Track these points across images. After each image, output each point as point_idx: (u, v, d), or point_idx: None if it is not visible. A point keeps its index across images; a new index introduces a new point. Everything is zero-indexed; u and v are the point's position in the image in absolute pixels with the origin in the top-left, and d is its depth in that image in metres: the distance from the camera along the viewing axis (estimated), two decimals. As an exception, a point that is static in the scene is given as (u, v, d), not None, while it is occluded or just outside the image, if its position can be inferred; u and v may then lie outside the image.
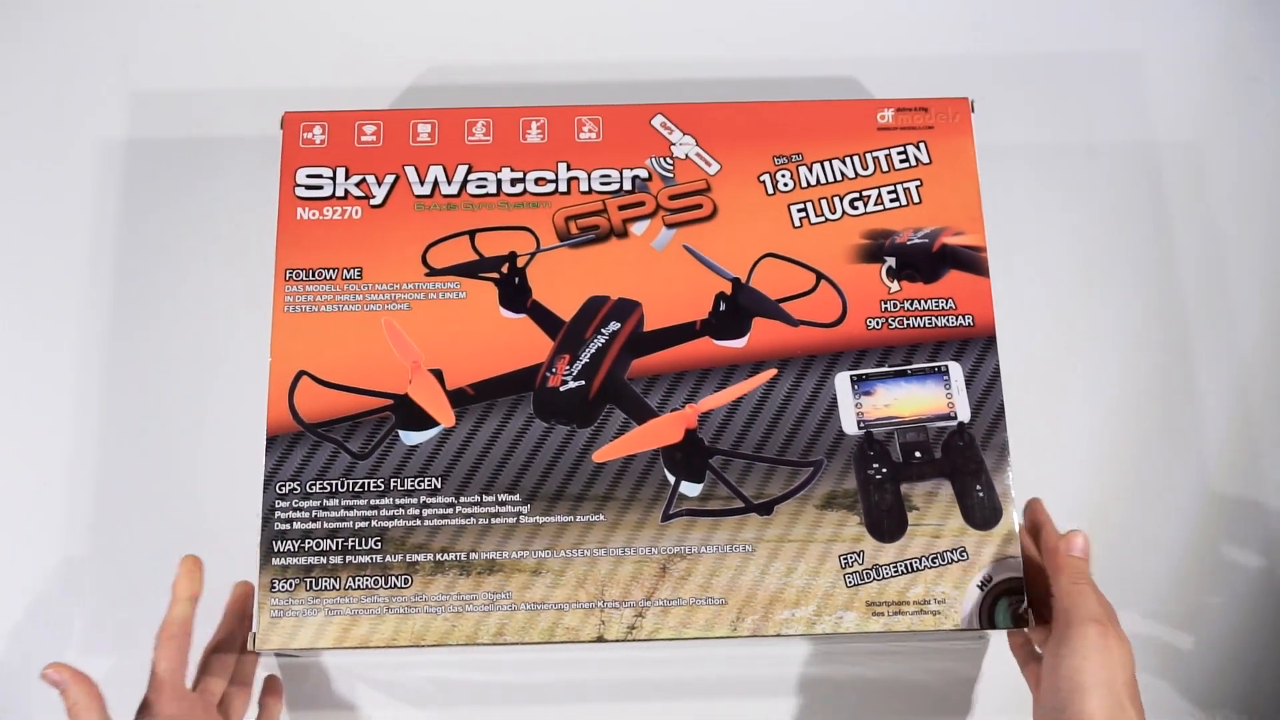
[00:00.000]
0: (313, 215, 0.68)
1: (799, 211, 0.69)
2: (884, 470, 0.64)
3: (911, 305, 0.67)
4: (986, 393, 0.66)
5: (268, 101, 0.74)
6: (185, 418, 0.74)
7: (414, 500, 0.64)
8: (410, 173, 0.69)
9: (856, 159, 0.69)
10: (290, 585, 0.63)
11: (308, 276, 0.67)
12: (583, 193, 0.69)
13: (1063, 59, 0.82)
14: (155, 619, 0.71)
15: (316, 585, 0.63)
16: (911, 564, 0.63)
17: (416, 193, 0.69)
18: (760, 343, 0.66)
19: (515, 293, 0.67)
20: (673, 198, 0.69)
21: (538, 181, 0.69)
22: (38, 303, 0.76)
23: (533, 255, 0.68)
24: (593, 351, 0.66)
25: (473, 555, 0.63)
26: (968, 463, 0.64)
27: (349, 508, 0.64)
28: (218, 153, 0.79)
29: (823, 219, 0.68)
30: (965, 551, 0.63)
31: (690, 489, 0.64)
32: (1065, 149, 0.80)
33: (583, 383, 0.66)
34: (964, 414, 0.65)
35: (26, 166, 0.79)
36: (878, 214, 0.68)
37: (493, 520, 0.64)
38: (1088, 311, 0.77)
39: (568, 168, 0.69)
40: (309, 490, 0.64)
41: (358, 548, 0.63)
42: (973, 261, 0.67)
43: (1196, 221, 0.79)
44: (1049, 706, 0.57)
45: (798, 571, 0.63)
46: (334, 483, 0.64)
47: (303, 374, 0.65)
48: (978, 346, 0.66)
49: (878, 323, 0.67)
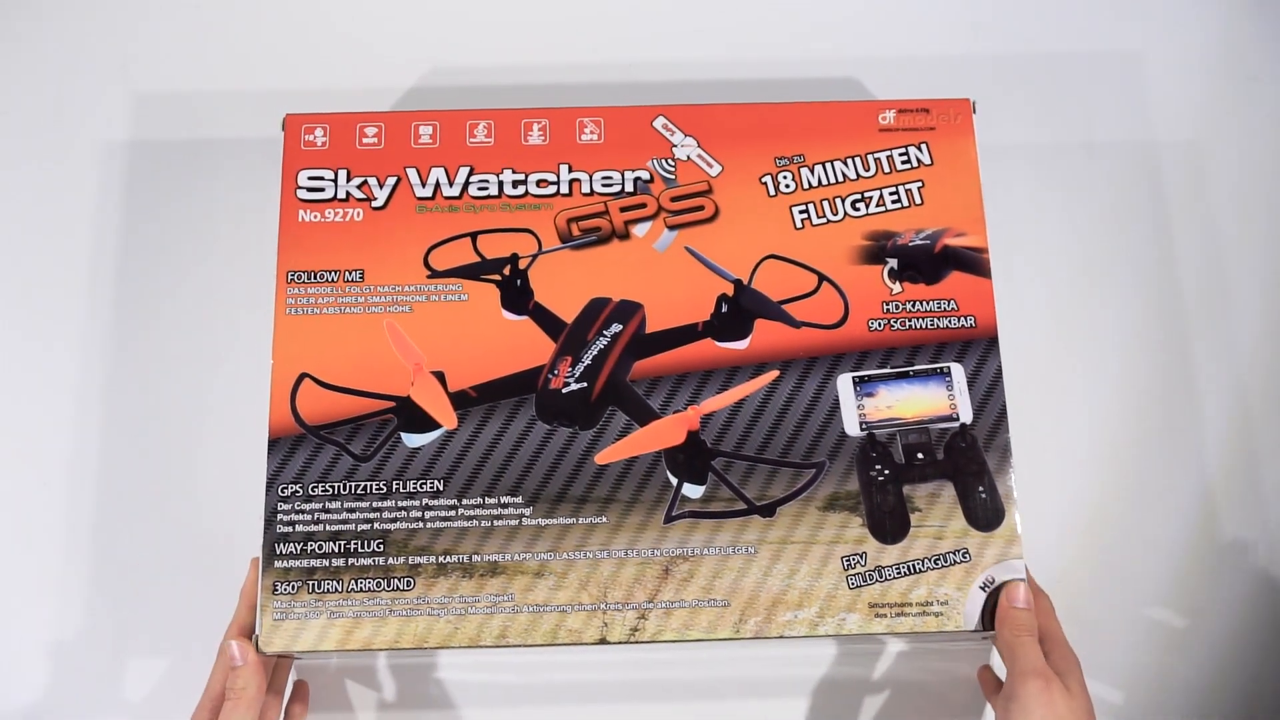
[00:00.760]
0: (314, 217, 0.68)
1: (800, 213, 0.68)
2: (886, 472, 0.64)
3: (913, 307, 0.67)
4: (989, 394, 0.66)
5: (269, 103, 0.74)
6: (187, 419, 0.74)
7: (416, 502, 0.64)
8: (412, 174, 0.69)
9: (858, 160, 0.69)
10: (293, 588, 0.63)
11: (309, 279, 0.67)
12: (584, 194, 0.69)
13: (1063, 59, 0.82)
14: (155, 619, 0.71)
15: (319, 588, 0.63)
16: (914, 565, 0.63)
17: (418, 195, 0.68)
18: (762, 344, 0.66)
19: (517, 294, 0.67)
20: (674, 199, 0.69)
21: (539, 183, 0.69)
22: (39, 303, 0.76)
23: (535, 257, 0.68)
24: (595, 353, 0.66)
25: (475, 557, 0.63)
26: (970, 464, 0.64)
27: (351, 510, 0.64)
28: (219, 154, 0.79)
29: (824, 220, 0.68)
30: (968, 553, 0.63)
31: (693, 491, 0.64)
32: (1065, 149, 0.80)
33: (585, 385, 0.66)
34: (966, 415, 0.65)
35: (28, 167, 0.79)
36: (879, 215, 0.68)
37: (495, 522, 0.64)
38: (1087, 311, 0.77)
39: (569, 169, 0.69)
40: (311, 493, 0.64)
41: (360, 550, 0.63)
42: (974, 263, 0.67)
43: (1196, 221, 0.79)
44: None
45: (800, 573, 0.63)
46: (336, 485, 0.64)
47: (305, 376, 0.65)
48: (980, 348, 0.66)
49: (880, 324, 0.67)
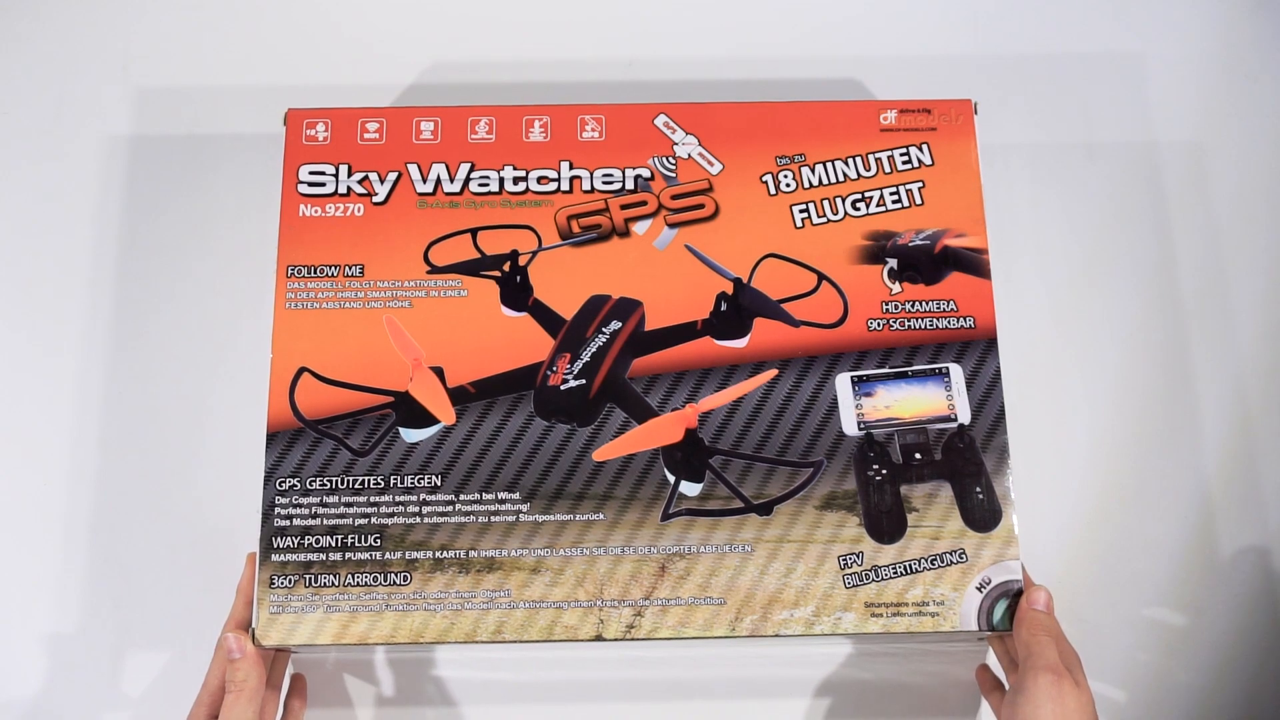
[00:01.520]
0: (315, 212, 0.68)
1: (801, 212, 0.68)
2: (884, 471, 0.64)
3: (913, 307, 0.67)
4: (987, 395, 0.66)
5: (271, 99, 0.74)
6: (186, 414, 0.74)
7: (414, 497, 0.64)
8: (413, 170, 0.69)
9: (859, 160, 0.69)
10: (290, 581, 0.63)
11: (309, 273, 0.67)
12: (585, 192, 0.69)
13: (1063, 59, 0.82)
14: (154, 613, 0.71)
15: (316, 581, 0.63)
16: (910, 565, 0.63)
17: (419, 190, 0.69)
18: (761, 343, 0.66)
19: (517, 291, 0.67)
20: (675, 197, 0.69)
21: (540, 180, 0.69)
22: (40, 299, 0.76)
23: (534, 254, 0.68)
24: (594, 350, 0.66)
25: (472, 553, 0.63)
26: (968, 465, 0.64)
27: (349, 504, 0.64)
28: (220, 150, 0.79)
29: (825, 220, 0.68)
30: (964, 553, 0.63)
31: (690, 488, 0.64)
32: (1065, 149, 0.80)
33: (583, 381, 0.66)
34: (964, 416, 0.65)
35: (29, 163, 0.79)
36: (880, 215, 0.68)
37: (492, 518, 0.64)
38: (1087, 312, 0.77)
39: (570, 166, 0.69)
40: (309, 487, 0.64)
41: (357, 544, 0.63)
42: (974, 263, 0.67)
43: (1196, 222, 0.79)
44: None
45: (797, 572, 0.63)
46: (334, 479, 0.64)
47: (304, 370, 0.65)
48: (979, 349, 0.66)
49: (879, 324, 0.67)
